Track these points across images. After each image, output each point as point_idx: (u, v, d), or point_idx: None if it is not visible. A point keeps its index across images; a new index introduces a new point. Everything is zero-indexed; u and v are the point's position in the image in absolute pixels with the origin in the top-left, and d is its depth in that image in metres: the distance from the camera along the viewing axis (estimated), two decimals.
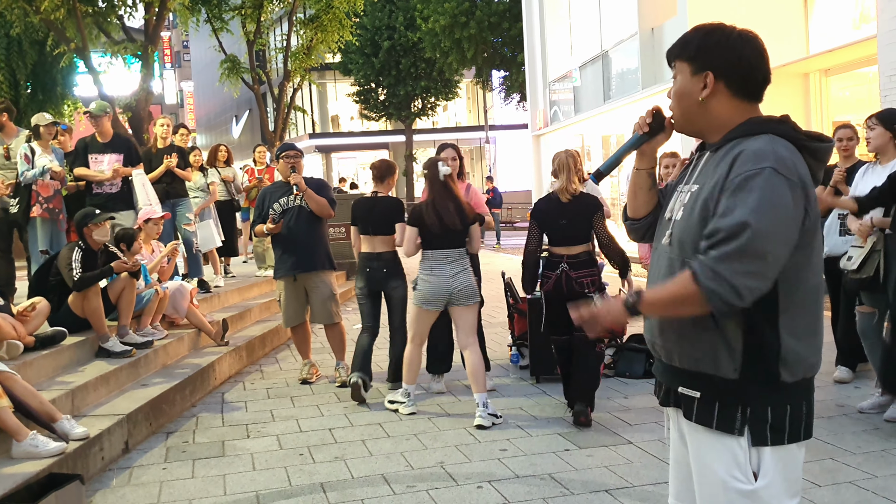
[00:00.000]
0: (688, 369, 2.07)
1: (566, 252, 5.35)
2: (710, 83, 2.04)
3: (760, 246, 1.86)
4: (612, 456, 4.61)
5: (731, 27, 2.08)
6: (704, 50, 2.05)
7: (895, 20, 8.72)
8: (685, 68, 2.08)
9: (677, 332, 2.07)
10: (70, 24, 15.02)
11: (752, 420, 1.99)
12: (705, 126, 2.10)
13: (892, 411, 4.97)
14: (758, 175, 1.89)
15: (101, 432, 4.66)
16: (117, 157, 7.53)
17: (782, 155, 1.93)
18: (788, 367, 1.98)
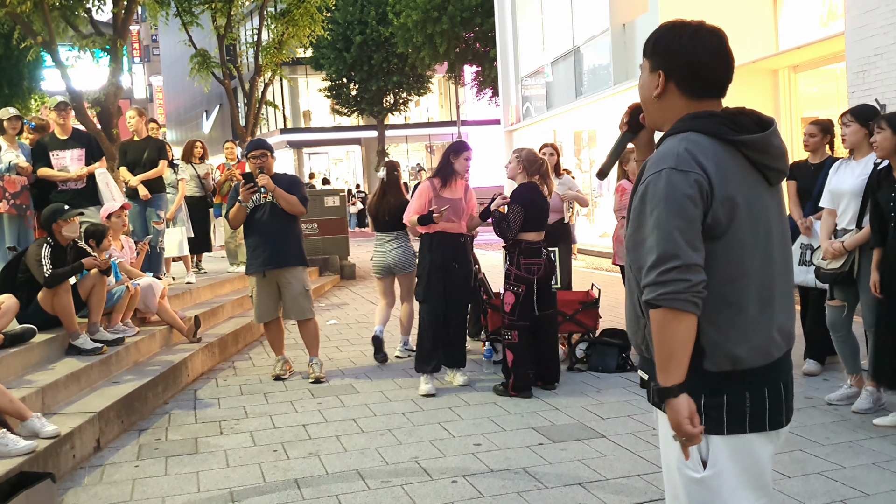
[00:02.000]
0: (639, 354, 2.21)
1: (540, 238, 5.89)
2: (661, 82, 2.11)
3: (668, 247, 1.94)
4: (585, 449, 4.65)
5: (689, 25, 2.11)
6: (658, 50, 2.12)
7: (862, 17, 8.85)
8: (646, 65, 2.16)
9: (627, 319, 2.23)
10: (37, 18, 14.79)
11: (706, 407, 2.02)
12: (661, 122, 2.17)
13: (860, 403, 5.06)
14: (655, 181, 1.99)
15: (73, 430, 4.60)
16: (79, 151, 7.43)
17: (682, 153, 1.99)
18: (710, 357, 2.02)
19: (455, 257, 6.09)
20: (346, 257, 14.47)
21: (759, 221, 2.04)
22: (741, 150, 2.03)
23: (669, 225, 1.94)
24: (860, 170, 5.08)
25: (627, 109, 2.29)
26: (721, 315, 2.01)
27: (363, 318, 9.76)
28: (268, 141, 6.82)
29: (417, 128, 43.28)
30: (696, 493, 2.06)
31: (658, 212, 1.96)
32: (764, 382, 2.06)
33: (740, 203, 2.00)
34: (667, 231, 1.94)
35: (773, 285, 2.07)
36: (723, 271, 2.00)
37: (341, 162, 45.34)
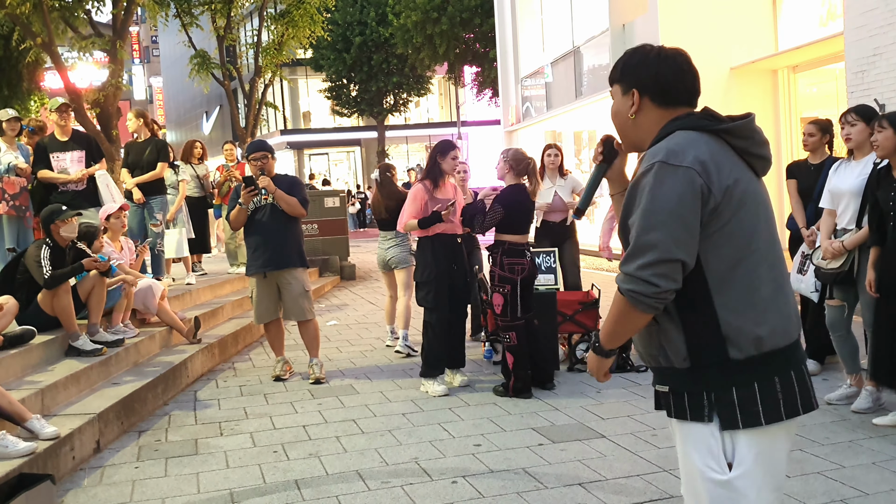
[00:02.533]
0: (654, 367, 2.18)
1: (525, 240, 5.92)
2: (636, 99, 2.17)
3: (647, 238, 1.98)
4: (585, 450, 4.65)
5: (651, 47, 2.21)
6: (628, 70, 2.20)
7: (861, 17, 8.85)
8: (617, 90, 2.22)
9: (638, 336, 2.19)
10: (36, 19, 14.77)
11: (719, 404, 2.02)
12: (639, 140, 2.21)
13: (860, 402, 5.06)
14: (645, 174, 2.03)
15: (72, 431, 4.61)
16: (79, 153, 7.42)
17: (672, 147, 2.03)
18: (734, 344, 2.01)
19: (455, 259, 6.10)
20: (346, 258, 14.47)
21: (759, 204, 2.08)
22: (726, 140, 2.08)
23: (653, 217, 1.98)
24: (860, 170, 5.07)
25: (599, 142, 2.35)
26: (737, 298, 2.02)
27: (363, 318, 9.76)
28: (268, 142, 6.82)
29: (417, 128, 43.28)
30: (721, 497, 2.03)
31: (644, 204, 2.00)
32: (789, 364, 2.06)
33: (741, 187, 2.03)
34: (649, 223, 1.98)
35: (781, 266, 2.11)
36: (733, 254, 2.01)
37: (341, 163, 45.37)
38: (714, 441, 2.03)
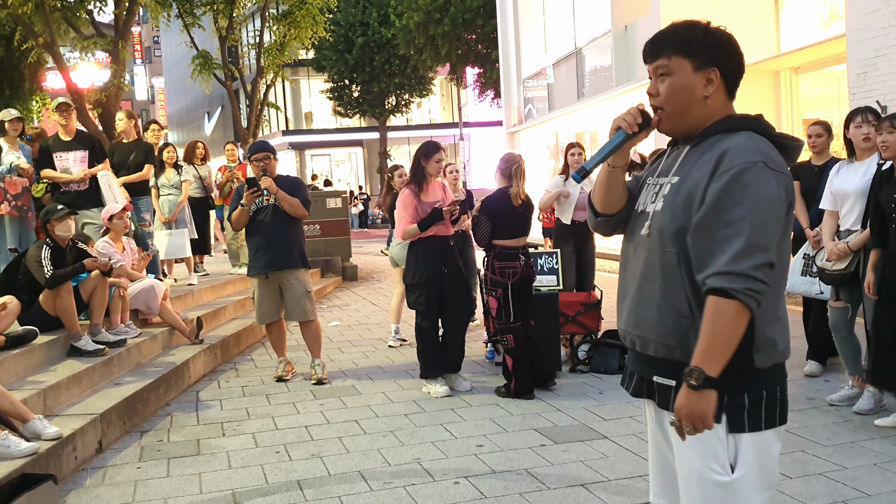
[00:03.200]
0: (663, 358, 2.09)
1: (518, 244, 5.89)
2: (717, 79, 2.07)
3: (763, 238, 1.92)
4: (587, 451, 4.65)
5: (719, 27, 2.12)
6: (709, 47, 2.07)
7: (864, 19, 8.85)
8: (685, 65, 2.07)
9: (655, 322, 2.09)
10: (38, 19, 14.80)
11: (729, 406, 2.00)
12: (698, 122, 2.11)
13: (862, 404, 5.05)
14: (750, 169, 1.94)
15: (74, 432, 4.61)
16: (82, 153, 7.43)
17: (767, 150, 2.00)
18: (761, 353, 2.01)
19: (445, 262, 6.02)
20: (349, 258, 14.48)
21: None
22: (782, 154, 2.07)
23: (765, 217, 1.92)
24: (864, 170, 5.06)
25: (637, 110, 2.17)
26: (770, 308, 2.01)
27: (365, 319, 9.76)
28: (270, 143, 6.81)
29: (419, 129, 43.26)
30: (721, 498, 2.02)
31: (753, 202, 1.92)
32: (785, 376, 2.11)
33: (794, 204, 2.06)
34: (762, 222, 1.92)
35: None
36: (780, 266, 2.02)
37: (343, 163, 45.39)
38: (719, 442, 2.01)
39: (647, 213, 2.16)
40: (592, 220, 2.39)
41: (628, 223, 2.28)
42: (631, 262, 2.21)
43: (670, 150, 2.24)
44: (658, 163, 2.27)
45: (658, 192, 2.15)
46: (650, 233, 2.11)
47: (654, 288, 2.09)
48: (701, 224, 1.98)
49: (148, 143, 8.93)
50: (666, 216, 2.07)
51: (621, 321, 2.24)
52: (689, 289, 2.02)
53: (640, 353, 2.17)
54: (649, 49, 2.15)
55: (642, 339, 2.14)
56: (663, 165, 2.21)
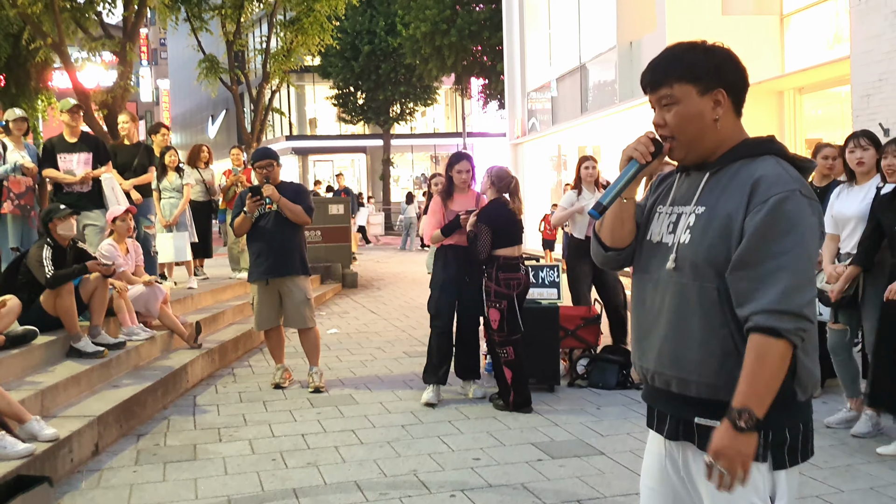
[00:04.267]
0: (705, 398, 1.98)
1: (518, 253, 5.98)
2: (724, 100, 2.01)
3: (809, 271, 1.88)
4: (584, 466, 4.65)
5: (715, 45, 2.06)
6: (712, 69, 2.00)
7: (868, 42, 8.88)
8: (689, 90, 2.00)
9: (697, 361, 1.98)
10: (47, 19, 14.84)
11: (774, 444, 1.94)
12: (712, 147, 2.04)
13: (859, 427, 5.05)
14: (790, 198, 1.88)
15: (71, 434, 4.61)
16: (86, 155, 7.45)
17: (798, 177, 1.95)
18: (802, 386, 1.96)
19: (468, 270, 6.09)
20: (349, 265, 14.48)
21: None
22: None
23: (808, 249, 1.87)
24: (864, 194, 5.08)
25: (649, 139, 2.08)
26: (809, 340, 1.95)
27: (364, 327, 9.76)
28: (273, 149, 6.83)
29: (423, 138, 43.35)
30: None
31: (798, 232, 1.86)
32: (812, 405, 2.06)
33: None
34: (806, 255, 1.87)
35: None
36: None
37: (346, 170, 45.45)
38: (762, 479, 1.94)
39: (667, 244, 2.06)
40: (601, 256, 2.26)
41: (637, 255, 2.19)
42: (651, 296, 2.10)
43: (681, 176, 2.15)
44: (666, 189, 2.18)
45: (678, 223, 2.05)
46: (678, 266, 2.00)
47: (693, 325, 1.98)
48: (743, 257, 1.89)
49: (150, 145, 8.96)
50: (700, 249, 1.97)
51: (647, 360, 2.10)
52: (732, 325, 1.93)
53: (676, 394, 2.04)
54: (650, 79, 2.07)
55: (681, 380, 2.01)
56: (677, 193, 2.12)
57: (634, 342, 2.19)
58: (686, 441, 2.05)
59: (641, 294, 2.15)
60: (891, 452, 4.69)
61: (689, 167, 2.12)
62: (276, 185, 6.44)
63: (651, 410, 2.17)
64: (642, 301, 2.14)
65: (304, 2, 19.99)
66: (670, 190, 2.16)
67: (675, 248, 2.03)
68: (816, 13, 12.25)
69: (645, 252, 2.16)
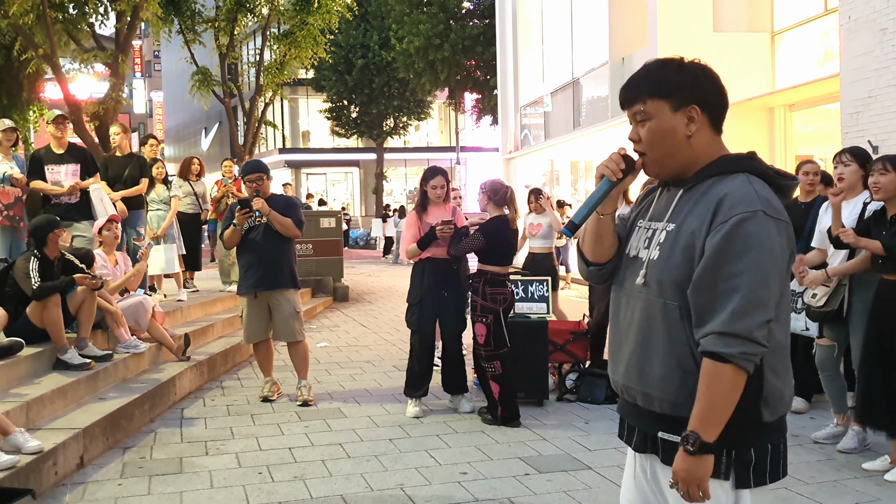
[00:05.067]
0: (669, 414, 2.00)
1: (507, 271, 5.99)
2: (698, 116, 2.00)
3: (763, 294, 1.85)
4: (571, 481, 4.63)
5: (691, 61, 2.05)
6: (685, 85, 2.00)
7: (857, 59, 8.95)
8: (662, 107, 2.00)
9: (659, 378, 2.00)
10: (39, 30, 14.85)
11: (737, 463, 1.95)
12: (687, 163, 2.03)
13: (846, 442, 5.06)
14: (751, 219, 1.87)
15: (56, 446, 4.57)
16: (74, 167, 7.42)
17: (767, 196, 1.93)
18: (770, 407, 1.96)
19: (446, 284, 6.10)
20: (340, 279, 14.46)
21: None
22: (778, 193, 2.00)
23: (766, 272, 1.85)
24: (850, 209, 5.10)
25: (619, 157, 2.10)
26: (779, 361, 1.96)
27: (354, 341, 9.74)
28: (263, 162, 6.83)
29: (416, 152, 43.45)
30: None
31: (754, 255, 1.84)
32: (786, 426, 2.06)
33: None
34: (763, 278, 1.84)
35: None
36: (783, 315, 1.97)
37: (339, 183, 45.48)
38: (725, 497, 1.97)
39: (641, 259, 2.07)
40: (584, 271, 2.28)
41: (618, 268, 2.20)
42: (624, 310, 2.12)
43: (661, 192, 2.16)
44: (647, 204, 2.19)
45: (652, 238, 2.06)
46: (647, 282, 2.02)
47: (657, 342, 2.00)
48: (700, 278, 1.90)
49: (142, 157, 8.95)
50: (665, 266, 1.98)
51: (617, 373, 2.13)
52: (693, 344, 1.93)
53: (642, 409, 2.07)
54: (624, 95, 2.08)
55: (646, 395, 2.04)
56: (655, 208, 2.13)
57: (609, 354, 2.22)
58: (652, 454, 2.08)
59: (616, 307, 2.18)
60: (877, 468, 4.69)
61: (669, 182, 2.13)
62: (266, 197, 6.43)
63: (623, 422, 2.21)
64: (616, 314, 2.18)
65: (297, 15, 20.08)
66: (651, 205, 2.17)
67: (645, 264, 2.05)
68: (807, 31, 12.35)
69: (623, 266, 2.18)
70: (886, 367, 4.63)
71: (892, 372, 4.60)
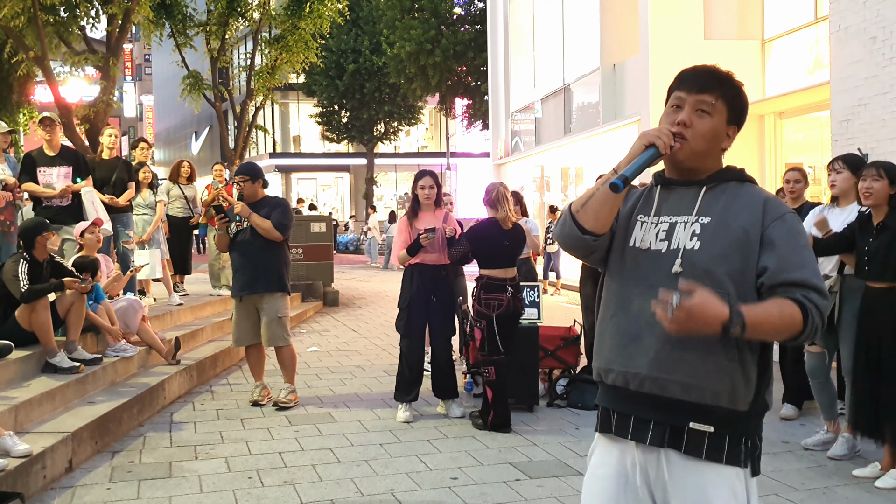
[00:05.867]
0: (705, 403, 2.01)
1: (507, 275, 5.87)
2: (733, 136, 2.16)
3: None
4: (561, 487, 4.63)
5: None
6: (742, 107, 2.15)
7: (847, 68, 9.01)
8: (724, 112, 2.12)
9: (698, 366, 2.00)
10: (30, 33, 14.78)
11: (752, 451, 2.04)
12: (705, 168, 2.15)
13: (836, 449, 5.07)
14: (786, 216, 2.07)
15: (45, 450, 4.54)
16: (66, 169, 7.39)
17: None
18: (770, 395, 2.10)
19: (435, 290, 6.09)
20: (330, 283, 14.44)
21: None
22: None
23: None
24: (844, 217, 5.12)
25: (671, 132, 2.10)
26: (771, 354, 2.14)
27: (344, 345, 9.72)
28: (257, 165, 6.82)
29: (407, 157, 43.46)
30: None
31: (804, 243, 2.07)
32: None
33: None
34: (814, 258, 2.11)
35: None
36: None
37: (329, 188, 45.43)
38: (739, 485, 2.02)
39: (661, 251, 2.10)
40: (574, 238, 2.17)
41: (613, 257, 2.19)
42: (639, 301, 2.09)
43: (660, 189, 2.20)
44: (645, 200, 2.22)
45: (672, 231, 2.10)
46: (684, 271, 2.03)
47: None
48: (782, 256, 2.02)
49: (129, 160, 8.92)
50: (715, 255, 2.03)
51: (636, 365, 2.07)
52: None
53: (669, 399, 2.04)
54: (697, 80, 2.13)
55: (683, 385, 2.02)
56: (663, 204, 2.17)
57: (615, 347, 2.14)
58: (671, 448, 2.05)
59: (625, 300, 2.14)
60: (867, 475, 4.70)
61: (671, 181, 2.19)
62: (253, 200, 6.42)
63: (621, 418, 2.14)
64: (626, 307, 2.13)
65: (289, 20, 20.07)
66: (651, 201, 2.20)
67: (679, 254, 2.06)
68: (797, 39, 12.43)
69: (630, 258, 2.16)
70: (875, 375, 4.65)
71: (880, 379, 4.62)
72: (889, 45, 8.44)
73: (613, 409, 2.16)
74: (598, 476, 2.19)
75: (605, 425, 2.20)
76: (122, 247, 8.32)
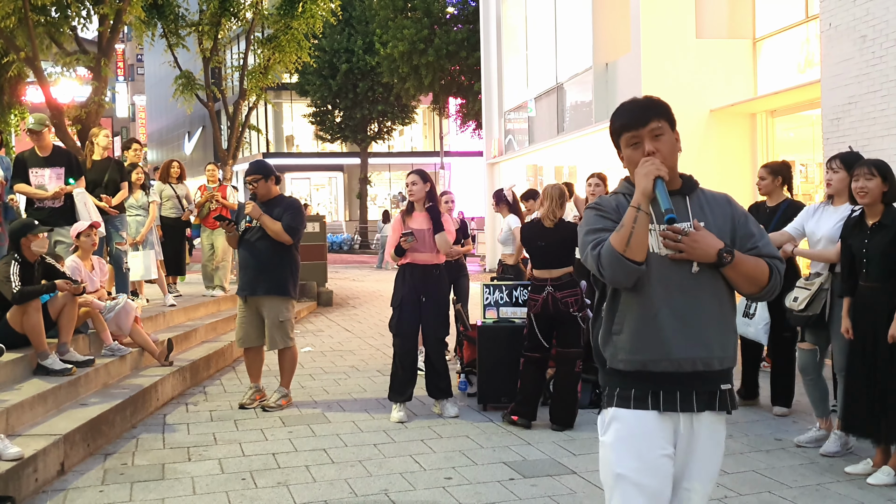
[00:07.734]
0: (726, 368, 2.51)
1: (549, 275, 5.83)
2: (679, 138, 2.56)
3: None
4: (555, 486, 4.64)
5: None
6: (672, 113, 2.54)
7: (838, 66, 9.03)
8: (666, 126, 2.50)
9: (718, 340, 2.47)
10: (21, 33, 14.71)
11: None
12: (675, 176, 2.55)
13: (828, 446, 5.09)
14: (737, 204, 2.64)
15: (36, 453, 4.52)
16: (58, 170, 7.36)
17: None
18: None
19: (425, 289, 6.10)
20: (324, 284, 14.41)
21: None
22: None
23: None
24: (839, 216, 5.10)
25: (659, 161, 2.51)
26: None
27: (338, 346, 9.71)
28: (268, 163, 6.73)
29: (401, 157, 43.45)
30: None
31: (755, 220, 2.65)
32: None
33: None
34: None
35: None
36: None
37: (323, 188, 45.38)
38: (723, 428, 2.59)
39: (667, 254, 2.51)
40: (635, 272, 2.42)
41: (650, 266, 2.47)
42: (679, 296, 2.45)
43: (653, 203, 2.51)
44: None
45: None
46: (701, 268, 2.44)
47: (714, 311, 2.48)
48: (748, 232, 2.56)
49: (120, 161, 8.89)
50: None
51: (690, 350, 2.44)
52: (731, 304, 2.54)
53: (710, 372, 2.47)
54: (640, 116, 2.49)
55: (720, 359, 2.48)
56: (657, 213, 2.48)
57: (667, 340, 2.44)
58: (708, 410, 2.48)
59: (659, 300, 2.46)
60: (859, 471, 4.72)
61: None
62: (267, 199, 6.39)
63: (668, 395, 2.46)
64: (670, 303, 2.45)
65: (281, 20, 20.01)
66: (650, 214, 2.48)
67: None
68: (788, 37, 12.45)
69: (656, 263, 2.46)
70: (868, 372, 4.66)
71: (873, 376, 4.63)
72: (879, 43, 8.45)
73: (657, 391, 2.47)
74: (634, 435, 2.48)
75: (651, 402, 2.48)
76: (116, 248, 8.28)
